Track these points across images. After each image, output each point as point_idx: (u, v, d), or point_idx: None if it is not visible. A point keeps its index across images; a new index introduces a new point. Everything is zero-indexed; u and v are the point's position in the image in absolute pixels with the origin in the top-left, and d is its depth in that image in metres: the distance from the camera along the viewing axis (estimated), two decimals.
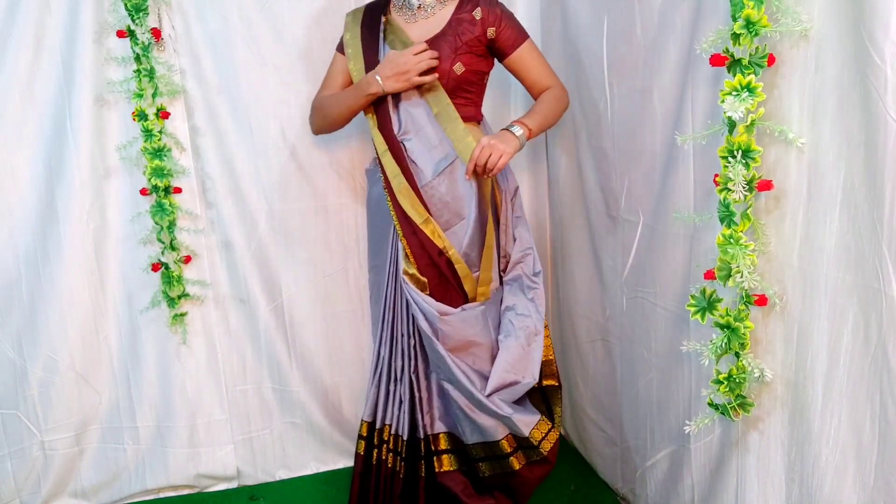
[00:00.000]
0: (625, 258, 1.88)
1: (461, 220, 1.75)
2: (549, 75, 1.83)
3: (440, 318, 1.72)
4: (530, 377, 1.76)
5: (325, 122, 1.89)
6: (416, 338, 1.80)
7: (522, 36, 1.79)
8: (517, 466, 1.79)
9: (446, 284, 1.78)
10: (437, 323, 1.71)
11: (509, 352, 1.76)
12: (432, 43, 1.73)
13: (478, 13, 1.74)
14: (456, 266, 1.75)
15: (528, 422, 1.77)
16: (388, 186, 1.77)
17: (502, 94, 2.30)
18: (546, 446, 1.80)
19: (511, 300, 1.82)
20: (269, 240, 2.20)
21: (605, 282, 2.03)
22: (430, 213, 1.73)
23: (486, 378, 1.75)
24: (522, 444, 1.80)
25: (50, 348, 2.09)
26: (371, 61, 1.78)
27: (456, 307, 1.75)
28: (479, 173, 1.69)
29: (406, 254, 1.76)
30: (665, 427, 1.80)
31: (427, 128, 1.75)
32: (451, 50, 1.72)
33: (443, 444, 1.83)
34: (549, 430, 1.83)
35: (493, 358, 1.78)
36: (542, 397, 1.89)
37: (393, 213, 1.77)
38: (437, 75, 1.70)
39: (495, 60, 1.84)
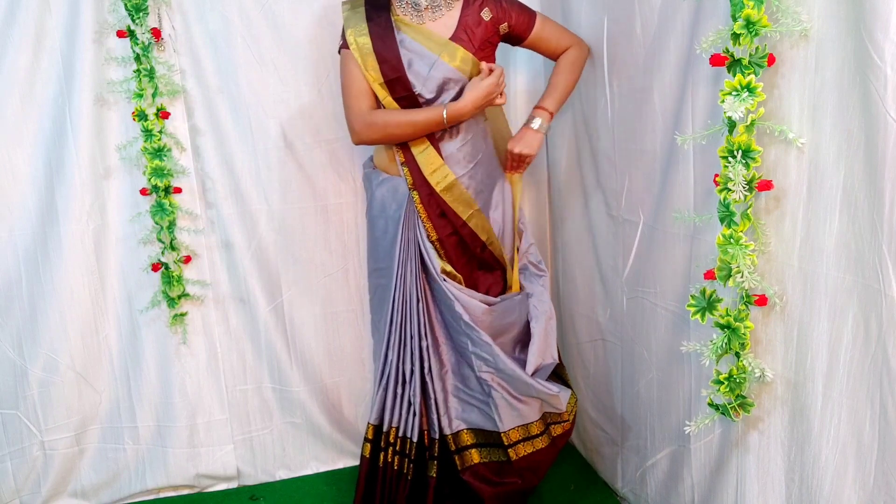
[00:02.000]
0: (625, 258, 1.88)
1: (491, 209, 1.85)
2: (564, 38, 1.84)
3: (486, 309, 1.80)
4: (551, 358, 1.91)
5: (387, 139, 1.80)
6: (428, 339, 1.83)
7: (532, 17, 1.81)
8: (545, 444, 1.90)
9: (485, 277, 1.87)
10: (481, 315, 1.79)
11: (539, 337, 1.88)
12: None
13: (486, 13, 1.74)
14: (501, 253, 1.86)
15: (566, 397, 1.91)
16: (420, 188, 1.78)
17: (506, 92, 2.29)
18: (571, 417, 1.96)
19: (530, 288, 1.95)
20: (269, 240, 2.20)
21: (605, 282, 2.03)
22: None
23: (518, 361, 1.85)
24: (553, 419, 1.93)
25: (50, 348, 2.09)
26: (389, 57, 1.71)
27: (495, 297, 1.86)
28: (513, 170, 1.90)
29: (439, 254, 1.80)
30: (665, 427, 1.80)
31: (454, 128, 1.79)
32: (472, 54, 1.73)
33: (468, 440, 1.87)
34: (575, 402, 2.02)
35: (518, 342, 1.90)
36: (554, 372, 1.99)
37: (423, 214, 1.78)
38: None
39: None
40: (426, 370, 1.83)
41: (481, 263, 1.86)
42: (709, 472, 1.63)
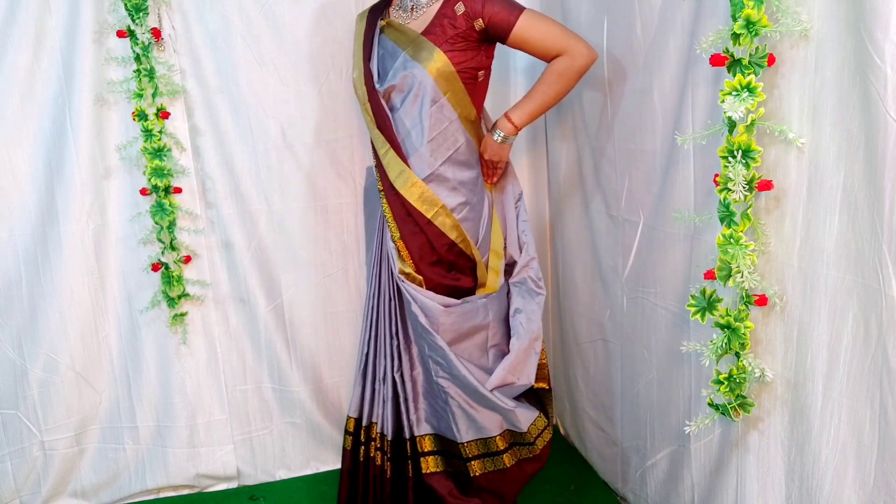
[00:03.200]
0: (625, 258, 1.88)
1: (468, 207, 1.78)
2: (556, 42, 1.67)
3: (444, 310, 1.73)
4: (526, 379, 1.81)
5: None
6: (399, 338, 1.81)
7: (514, 14, 1.65)
8: (509, 463, 1.80)
9: (455, 277, 1.80)
10: (439, 316, 1.73)
11: (516, 355, 1.80)
12: None
13: (459, 8, 1.67)
14: (472, 253, 1.78)
15: (527, 416, 1.80)
16: (387, 188, 1.77)
17: (502, 92, 2.29)
18: (540, 443, 1.84)
19: (520, 303, 1.86)
20: (269, 240, 2.20)
21: (605, 282, 2.03)
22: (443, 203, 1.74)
23: (484, 371, 1.78)
24: (517, 440, 1.82)
25: (50, 348, 2.09)
26: (366, 69, 1.78)
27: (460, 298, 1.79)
28: (487, 177, 1.85)
29: (401, 255, 1.77)
30: (665, 427, 1.80)
31: (419, 125, 1.73)
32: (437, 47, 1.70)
33: (427, 446, 1.82)
34: (545, 429, 1.86)
35: (491, 347, 1.83)
36: (536, 399, 1.92)
37: (389, 214, 1.77)
38: None
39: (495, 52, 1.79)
40: (395, 369, 1.82)
41: (451, 266, 1.79)
42: (709, 472, 1.63)
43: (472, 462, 1.78)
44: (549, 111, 2.21)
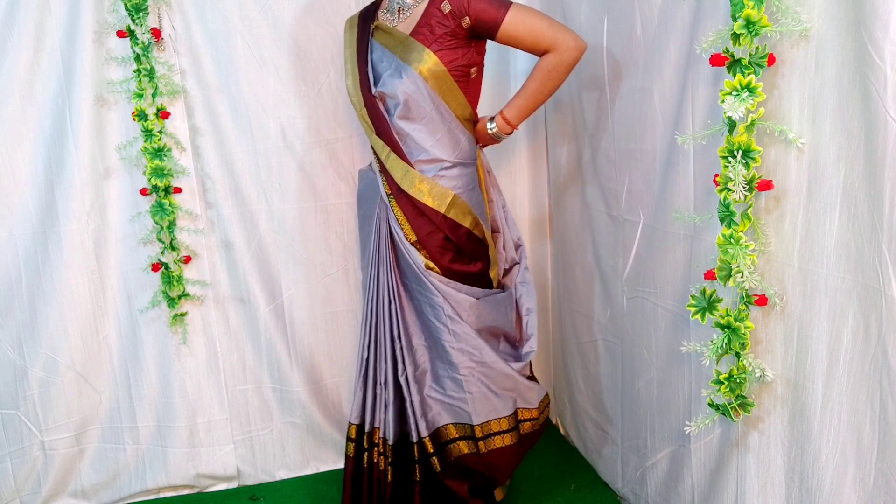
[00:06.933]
0: (625, 258, 1.88)
1: (474, 191, 1.83)
2: (544, 39, 1.66)
3: (474, 301, 1.78)
4: (527, 368, 1.94)
5: None
6: (401, 341, 1.81)
7: (500, 13, 1.64)
8: (514, 441, 1.87)
9: (472, 264, 1.83)
10: (468, 308, 1.78)
11: (535, 351, 1.92)
12: None
13: (446, 6, 1.66)
14: (485, 237, 1.82)
15: (540, 392, 1.95)
16: (395, 191, 1.77)
17: (502, 92, 2.30)
18: (542, 418, 1.95)
19: (530, 303, 1.95)
20: (269, 240, 2.20)
21: (605, 282, 2.03)
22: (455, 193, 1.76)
23: (506, 356, 1.88)
24: (524, 416, 1.91)
25: (50, 348, 2.09)
26: (362, 74, 1.78)
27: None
28: None
29: (421, 253, 1.78)
30: (665, 427, 1.80)
31: (418, 129, 1.74)
32: (426, 47, 1.69)
33: (454, 433, 1.83)
34: (546, 406, 1.99)
35: (501, 341, 1.90)
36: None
37: (402, 217, 1.77)
38: None
39: (486, 48, 1.78)
40: (399, 373, 1.81)
41: (468, 254, 1.81)
42: (709, 472, 1.63)
43: (487, 440, 1.83)
44: (550, 111, 2.22)
